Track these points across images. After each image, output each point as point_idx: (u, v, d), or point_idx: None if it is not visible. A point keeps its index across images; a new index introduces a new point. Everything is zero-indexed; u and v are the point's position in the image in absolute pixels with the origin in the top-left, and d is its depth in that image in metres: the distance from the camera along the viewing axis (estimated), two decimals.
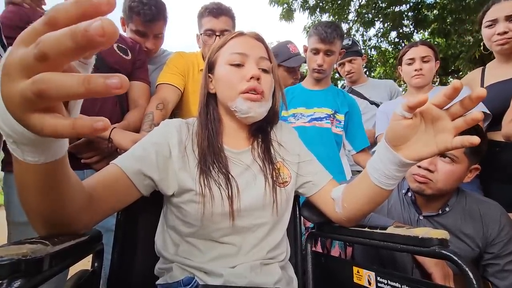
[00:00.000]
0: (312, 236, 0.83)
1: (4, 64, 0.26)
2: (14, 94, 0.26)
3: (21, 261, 0.31)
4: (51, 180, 0.37)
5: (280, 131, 0.79)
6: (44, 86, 0.24)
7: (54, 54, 0.23)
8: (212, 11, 1.28)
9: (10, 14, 0.92)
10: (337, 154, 1.34)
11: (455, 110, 0.49)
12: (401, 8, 5.22)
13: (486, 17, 1.28)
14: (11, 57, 0.25)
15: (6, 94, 0.26)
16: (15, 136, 0.30)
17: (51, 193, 0.39)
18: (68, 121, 0.26)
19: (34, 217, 0.43)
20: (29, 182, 0.37)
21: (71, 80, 0.23)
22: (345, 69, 1.83)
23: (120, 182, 0.58)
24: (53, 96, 0.24)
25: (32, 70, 0.24)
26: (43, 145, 0.32)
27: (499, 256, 0.87)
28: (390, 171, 0.57)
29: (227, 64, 0.69)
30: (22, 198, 0.40)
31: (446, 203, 0.93)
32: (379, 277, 0.63)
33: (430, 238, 0.54)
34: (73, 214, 0.46)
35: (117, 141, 0.90)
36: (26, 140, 0.30)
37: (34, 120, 0.27)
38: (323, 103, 1.35)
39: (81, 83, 0.23)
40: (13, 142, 0.31)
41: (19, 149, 0.32)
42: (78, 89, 0.23)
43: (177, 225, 0.67)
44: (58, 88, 0.24)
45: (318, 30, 1.28)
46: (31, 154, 0.32)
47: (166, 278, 0.65)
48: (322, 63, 1.30)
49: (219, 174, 0.64)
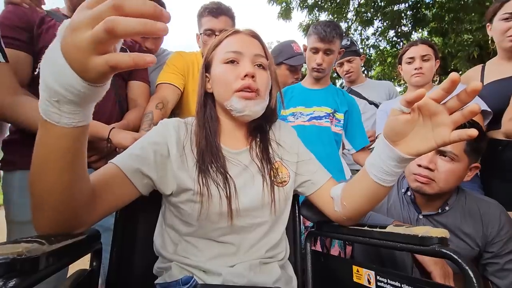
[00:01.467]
0: (312, 235, 0.83)
1: (72, 21, 0.33)
2: (82, 40, 0.32)
3: (17, 260, 0.30)
4: (76, 147, 0.41)
5: (279, 130, 0.79)
6: (114, 24, 0.31)
7: (122, 28, 0.31)
8: (211, 11, 1.28)
9: (9, 14, 0.91)
10: (337, 153, 1.34)
11: (452, 104, 0.49)
12: (400, 7, 5.22)
13: (504, 8, 1.20)
14: (78, 16, 0.33)
15: (72, 45, 0.33)
16: (64, 93, 0.35)
17: (73, 166, 0.42)
18: (127, 56, 0.33)
19: (43, 205, 0.44)
20: (56, 149, 0.40)
21: (133, 21, 0.31)
22: (344, 68, 1.84)
23: (119, 181, 0.58)
24: (120, 32, 0.31)
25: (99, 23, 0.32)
26: (85, 101, 0.37)
27: (499, 255, 0.87)
28: (389, 167, 0.57)
29: (222, 62, 0.69)
30: (40, 176, 0.42)
31: (446, 202, 0.93)
32: (379, 276, 0.62)
33: (430, 236, 0.53)
34: (79, 205, 0.47)
35: (116, 140, 0.90)
36: (74, 96, 0.35)
37: (98, 59, 0.33)
38: (323, 102, 1.35)
39: (142, 23, 0.31)
40: (55, 103, 0.36)
41: (58, 112, 0.37)
42: (138, 27, 0.31)
43: (175, 224, 0.67)
44: (124, 25, 0.31)
45: (317, 29, 1.28)
46: (69, 115, 0.37)
47: (165, 277, 0.65)
48: (321, 62, 1.30)
49: (217, 174, 0.64)
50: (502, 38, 1.23)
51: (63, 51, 0.34)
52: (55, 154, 0.40)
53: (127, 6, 0.31)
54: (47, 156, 0.41)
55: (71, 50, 0.33)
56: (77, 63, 0.33)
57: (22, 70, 0.90)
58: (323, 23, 1.30)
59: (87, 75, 0.34)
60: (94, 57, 0.33)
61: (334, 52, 1.30)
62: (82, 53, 0.33)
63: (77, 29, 0.33)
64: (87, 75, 0.34)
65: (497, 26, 1.24)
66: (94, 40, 0.32)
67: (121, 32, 0.31)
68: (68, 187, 0.44)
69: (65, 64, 0.34)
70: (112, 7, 0.31)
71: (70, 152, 0.41)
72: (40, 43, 0.93)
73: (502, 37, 1.23)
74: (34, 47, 0.93)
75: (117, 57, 0.33)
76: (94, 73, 0.34)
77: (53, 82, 0.35)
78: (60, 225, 0.47)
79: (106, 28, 0.31)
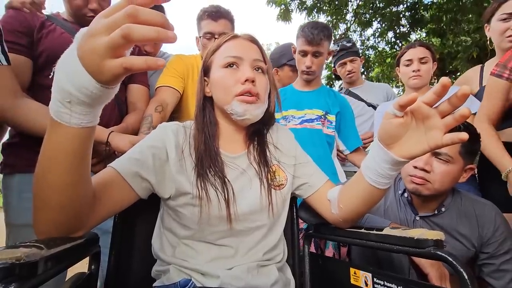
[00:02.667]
0: (309, 237, 0.83)
1: (90, 29, 0.36)
2: (99, 45, 0.35)
3: (15, 265, 0.31)
4: (83, 148, 0.44)
5: (276, 133, 0.80)
6: (130, 30, 0.34)
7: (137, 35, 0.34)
8: (211, 14, 1.28)
9: (10, 19, 0.92)
10: (329, 155, 1.33)
11: (444, 108, 0.49)
12: (398, 8, 5.24)
13: (502, 9, 1.20)
14: (96, 24, 0.36)
15: (88, 49, 0.36)
16: (77, 94, 0.38)
17: (78, 167, 0.45)
18: (141, 58, 0.36)
19: (46, 206, 0.45)
20: (64, 149, 0.42)
21: (147, 28, 0.34)
22: (347, 68, 1.83)
23: (118, 185, 0.58)
24: (135, 37, 0.34)
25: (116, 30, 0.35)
26: (96, 103, 0.40)
27: (494, 255, 0.88)
28: (383, 169, 0.58)
29: (222, 67, 0.69)
30: (46, 175, 0.44)
31: (442, 203, 0.94)
32: (376, 278, 0.63)
33: (426, 239, 0.54)
34: (81, 207, 0.49)
35: (115, 144, 0.90)
36: (86, 97, 0.38)
37: (113, 62, 0.36)
38: (314, 105, 1.34)
39: (155, 30, 0.34)
40: (67, 103, 0.39)
41: (69, 112, 0.39)
42: (151, 34, 0.34)
43: (174, 227, 0.67)
44: (139, 32, 0.34)
45: (304, 32, 1.27)
46: (79, 115, 0.40)
47: (163, 280, 0.66)
48: (310, 65, 1.30)
49: (215, 178, 0.65)
50: (501, 38, 1.22)
51: (79, 56, 0.37)
52: (63, 154, 0.43)
53: (140, 15, 0.34)
54: (54, 156, 0.43)
55: (87, 54, 0.36)
56: (93, 66, 0.36)
57: (23, 74, 0.90)
58: (310, 25, 1.28)
59: (101, 77, 0.37)
60: (110, 60, 0.36)
61: (323, 54, 1.30)
62: (99, 56, 0.36)
63: (95, 35, 0.36)
64: (101, 77, 0.37)
65: (496, 27, 1.23)
66: (111, 44, 0.35)
67: (136, 38, 0.34)
68: (72, 187, 0.45)
69: (80, 67, 0.37)
70: (127, 16, 0.34)
71: (76, 153, 0.43)
72: (40, 47, 0.94)
73: (501, 37, 1.22)
74: (34, 52, 0.94)
75: (131, 60, 0.36)
76: (108, 75, 0.37)
77: (67, 83, 0.38)
78: (60, 227, 0.48)
79: (123, 34, 0.34)
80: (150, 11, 0.35)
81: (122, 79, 0.40)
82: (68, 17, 1.06)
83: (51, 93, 0.40)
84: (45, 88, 0.93)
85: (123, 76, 0.39)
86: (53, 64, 0.95)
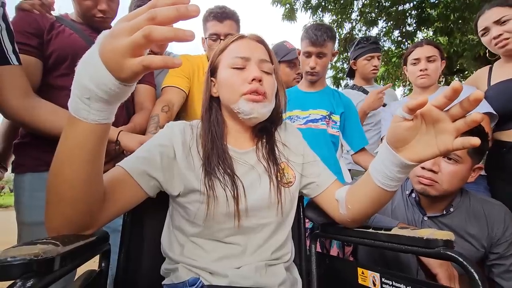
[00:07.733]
0: (317, 237, 0.83)
1: (113, 30, 0.39)
2: (121, 45, 0.38)
3: (33, 261, 0.32)
4: (98, 144, 0.46)
5: (285, 132, 0.80)
6: (150, 30, 0.36)
7: (157, 34, 0.36)
8: (216, 15, 1.29)
9: (20, 21, 0.93)
10: (334, 155, 1.34)
11: (455, 112, 0.48)
12: (404, 7, 5.18)
13: (478, 27, 1.33)
14: (118, 27, 0.39)
15: (110, 49, 0.38)
16: (96, 91, 0.40)
17: (93, 163, 0.47)
18: (159, 57, 0.38)
19: (59, 201, 0.47)
20: (81, 144, 0.44)
21: (166, 29, 0.37)
22: (373, 63, 1.80)
23: (126, 183, 0.59)
24: (155, 37, 0.36)
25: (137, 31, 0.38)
26: (114, 99, 0.42)
27: (504, 256, 0.87)
28: (392, 172, 0.57)
29: (229, 67, 0.70)
30: (62, 170, 0.46)
31: (450, 203, 0.93)
32: (384, 278, 0.63)
33: (435, 239, 0.54)
34: (93, 203, 0.50)
35: (124, 143, 0.91)
36: (105, 94, 0.41)
37: (133, 60, 0.38)
38: (318, 105, 1.35)
39: (173, 30, 0.37)
40: (86, 100, 0.41)
41: (88, 108, 0.42)
42: (170, 34, 0.36)
43: (182, 225, 0.68)
44: (159, 32, 0.36)
45: (308, 33, 1.29)
46: (97, 111, 0.42)
47: (172, 278, 0.66)
48: (314, 66, 1.31)
49: (224, 175, 0.65)
50: (492, 48, 1.30)
51: (101, 55, 0.39)
52: (79, 149, 0.45)
53: (159, 17, 0.37)
54: (71, 151, 0.45)
55: (109, 53, 0.39)
56: (113, 64, 0.39)
57: (33, 75, 0.92)
58: (313, 27, 1.30)
59: (120, 74, 0.39)
60: (130, 59, 0.38)
61: (327, 54, 1.31)
62: (120, 55, 0.38)
63: (117, 36, 0.38)
64: (121, 75, 0.39)
65: (483, 41, 1.33)
66: (133, 44, 0.37)
67: (156, 38, 0.36)
68: (87, 183, 0.47)
69: (101, 65, 0.39)
70: (148, 19, 0.37)
71: (92, 148, 0.45)
72: (50, 48, 0.95)
73: (491, 47, 1.30)
74: (44, 53, 0.95)
75: (150, 58, 0.38)
76: (128, 72, 0.39)
77: (88, 81, 0.40)
78: (72, 224, 0.49)
79: (145, 34, 0.36)
80: (168, 13, 0.37)
81: (140, 77, 0.42)
82: (77, 18, 1.08)
83: (59, 93, 0.42)
84: (54, 88, 0.94)
85: (142, 74, 0.41)
86: (62, 64, 0.96)
